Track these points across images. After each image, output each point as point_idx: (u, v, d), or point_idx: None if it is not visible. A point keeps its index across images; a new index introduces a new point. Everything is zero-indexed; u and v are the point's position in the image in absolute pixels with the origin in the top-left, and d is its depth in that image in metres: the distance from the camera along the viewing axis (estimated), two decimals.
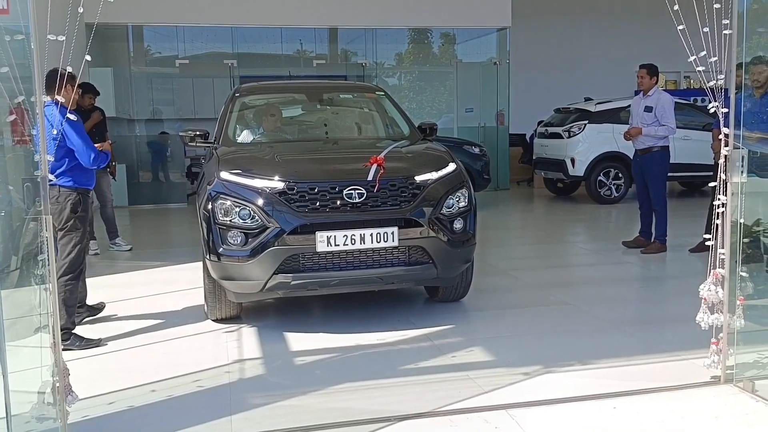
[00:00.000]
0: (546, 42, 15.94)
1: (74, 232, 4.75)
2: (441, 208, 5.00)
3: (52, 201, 4.40)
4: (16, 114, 4.18)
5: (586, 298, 5.85)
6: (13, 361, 3.77)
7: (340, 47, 14.46)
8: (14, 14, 3.07)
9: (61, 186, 4.66)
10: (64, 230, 4.74)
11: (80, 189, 4.76)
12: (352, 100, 7.01)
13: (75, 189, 4.73)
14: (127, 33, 13.27)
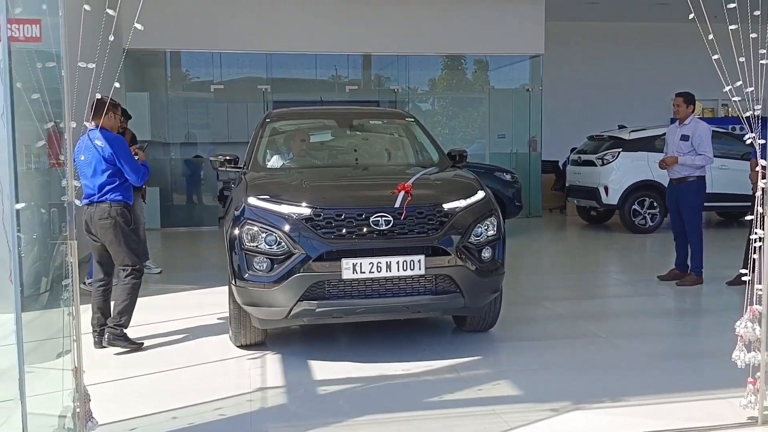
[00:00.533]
0: (579, 69, 15.84)
1: (132, 242, 5.31)
2: (469, 237, 4.92)
3: (103, 216, 5.13)
4: (52, 137, 4.25)
5: (619, 331, 5.70)
6: (35, 384, 3.79)
7: (372, 73, 14.55)
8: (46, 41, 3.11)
9: (111, 201, 5.17)
10: (116, 242, 5.20)
11: (128, 204, 5.30)
12: (381, 126, 7.01)
13: (123, 203, 5.24)
14: (164, 59, 13.52)
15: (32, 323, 5.80)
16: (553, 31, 13.98)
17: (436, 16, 13.19)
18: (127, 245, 5.23)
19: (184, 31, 12.32)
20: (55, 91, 3.17)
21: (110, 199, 5.16)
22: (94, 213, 5.13)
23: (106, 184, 5.14)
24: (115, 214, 5.16)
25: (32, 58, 2.97)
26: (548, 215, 14.43)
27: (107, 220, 5.12)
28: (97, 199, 5.12)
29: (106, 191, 5.14)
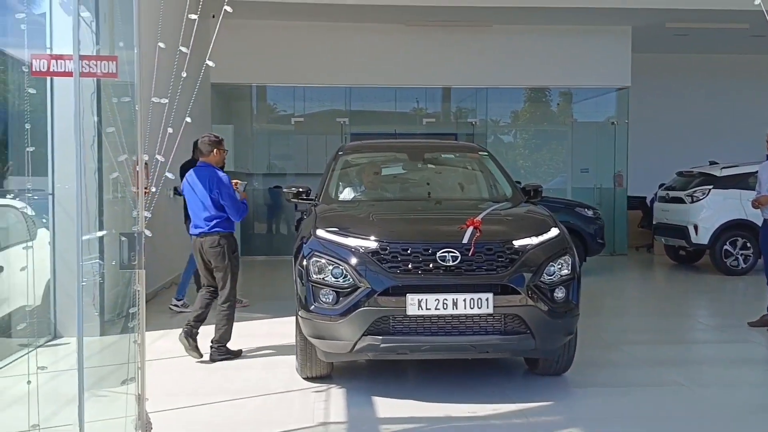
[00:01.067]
0: (667, 102, 15.28)
1: (235, 269, 5.85)
2: (541, 275, 4.75)
3: (213, 245, 5.76)
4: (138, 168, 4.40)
5: (703, 380, 5.34)
6: (103, 408, 3.87)
7: (451, 105, 14.52)
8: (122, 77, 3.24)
9: (220, 232, 5.76)
10: (223, 268, 5.78)
11: (232, 233, 5.89)
12: (454, 159, 6.93)
13: (229, 234, 5.83)
14: (250, 92, 13.97)
15: (112, 347, 6.01)
16: (640, 63, 13.57)
17: (518, 48, 13.07)
18: (232, 272, 5.84)
19: (270, 66, 12.69)
20: (129, 125, 3.28)
21: (218, 231, 5.78)
22: (204, 242, 5.78)
23: (214, 218, 5.76)
24: (224, 243, 5.78)
25: (108, 93, 3.08)
26: (634, 254, 13.87)
27: (217, 248, 5.76)
28: (207, 231, 5.78)
29: (214, 224, 5.77)
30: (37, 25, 6.21)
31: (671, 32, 13.10)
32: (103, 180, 6.30)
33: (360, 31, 12.69)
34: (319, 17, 12.22)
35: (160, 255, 8.91)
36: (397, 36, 12.79)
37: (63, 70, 2.92)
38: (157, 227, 8.89)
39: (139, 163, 3.12)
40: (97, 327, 6.27)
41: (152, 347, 6.21)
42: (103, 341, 6.17)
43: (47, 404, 4.15)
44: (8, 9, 5.73)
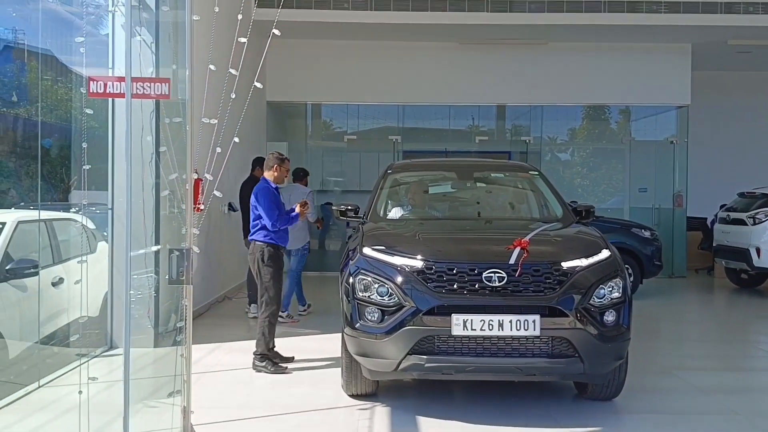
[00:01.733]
0: (729, 120, 14.82)
1: (266, 278, 6.01)
2: (590, 298, 4.66)
3: (251, 252, 6.19)
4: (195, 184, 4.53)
5: (760, 409, 5.14)
6: (151, 419, 3.97)
7: (506, 123, 14.43)
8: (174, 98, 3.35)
9: (256, 240, 6.11)
10: (260, 276, 6.07)
11: (270, 243, 6.08)
12: (504, 178, 6.88)
13: (268, 243, 6.06)
14: (305, 110, 14.20)
15: (165, 359, 6.15)
16: (700, 81, 13.24)
17: (573, 65, 12.92)
18: (269, 281, 6.05)
19: (324, 84, 12.88)
20: (181, 144, 3.38)
21: (254, 239, 6.16)
22: (250, 250, 6.26)
23: (254, 227, 6.19)
24: (258, 251, 6.09)
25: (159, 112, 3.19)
26: (693, 276, 13.45)
27: (252, 255, 6.16)
28: (249, 239, 6.29)
29: (253, 233, 6.18)
30: (102, 45, 6.47)
31: (733, 49, 12.74)
32: (159, 196, 6.49)
33: (413, 50, 12.77)
34: (372, 36, 12.36)
35: (214, 270, 9.11)
36: (451, 54, 12.82)
37: (118, 92, 3.04)
38: (211, 243, 9.16)
39: (188, 181, 3.21)
40: (151, 339, 6.43)
41: (204, 361, 6.34)
42: (156, 353, 6.32)
43: (100, 414, 4.27)
44: (75, 30, 5.99)
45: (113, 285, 6.41)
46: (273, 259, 6.06)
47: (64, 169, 7.38)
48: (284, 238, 6.23)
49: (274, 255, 6.08)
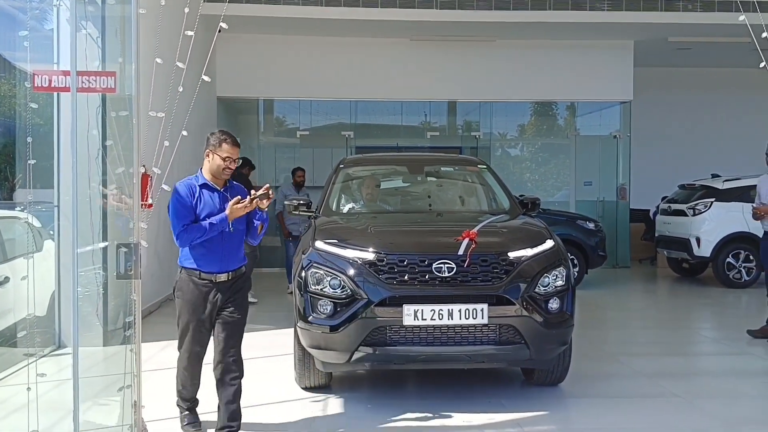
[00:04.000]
0: (670, 115, 15.31)
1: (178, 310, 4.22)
2: (535, 286, 4.81)
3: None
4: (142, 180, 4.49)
5: (700, 392, 5.36)
6: (101, 417, 3.95)
7: (454, 119, 14.61)
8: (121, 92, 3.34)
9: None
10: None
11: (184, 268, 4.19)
12: (454, 172, 7.01)
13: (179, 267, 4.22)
14: (257, 106, 14.12)
15: (115, 357, 6.07)
16: (642, 77, 13.65)
17: (521, 62, 13.17)
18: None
19: (275, 80, 12.83)
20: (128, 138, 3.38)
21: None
22: None
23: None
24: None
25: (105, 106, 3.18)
26: (637, 266, 13.87)
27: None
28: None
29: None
30: (47, 40, 6.34)
31: (673, 46, 13.17)
32: (108, 192, 6.40)
33: (365, 46, 12.83)
34: (324, 32, 12.37)
35: (164, 268, 9.02)
36: (402, 50, 12.92)
37: (63, 86, 3.03)
38: (161, 240, 9.06)
39: (135, 175, 3.21)
40: (100, 337, 6.35)
41: (155, 358, 6.30)
42: (106, 351, 6.24)
43: (50, 413, 4.23)
44: (18, 24, 5.86)
45: (60, 283, 6.31)
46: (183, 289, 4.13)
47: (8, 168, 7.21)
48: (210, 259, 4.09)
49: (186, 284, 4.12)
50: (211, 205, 4.12)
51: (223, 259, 4.13)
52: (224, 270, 4.14)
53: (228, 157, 4.08)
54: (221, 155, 4.08)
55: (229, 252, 4.15)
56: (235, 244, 4.18)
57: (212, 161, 4.13)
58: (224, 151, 4.08)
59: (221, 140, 4.07)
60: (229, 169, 4.12)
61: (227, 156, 4.08)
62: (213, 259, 4.12)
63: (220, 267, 4.13)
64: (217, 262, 4.12)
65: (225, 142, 4.07)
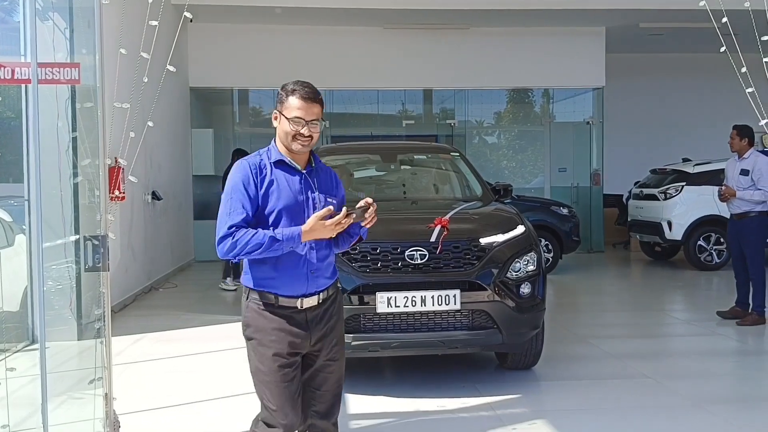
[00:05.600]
0: (642, 101, 15.47)
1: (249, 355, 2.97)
2: (507, 272, 4.86)
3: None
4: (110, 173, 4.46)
5: (669, 372, 5.47)
6: (72, 411, 3.94)
7: (433, 107, 14.63)
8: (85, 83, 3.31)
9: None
10: None
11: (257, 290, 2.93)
12: (427, 160, 7.04)
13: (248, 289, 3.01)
14: (231, 96, 14.02)
15: (89, 351, 6.05)
16: (614, 64, 13.76)
17: (495, 50, 13.21)
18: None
19: (249, 70, 12.75)
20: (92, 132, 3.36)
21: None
22: None
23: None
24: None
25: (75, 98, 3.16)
26: (611, 251, 14.04)
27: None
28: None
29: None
30: (15, 33, 6.24)
31: (645, 32, 13.29)
32: (78, 185, 6.35)
33: (338, 34, 12.78)
34: (297, 21, 12.31)
35: (138, 260, 8.97)
36: (376, 38, 12.89)
37: (26, 78, 3.00)
38: (134, 233, 8.99)
39: (101, 167, 3.19)
40: (74, 331, 6.31)
41: (128, 351, 6.28)
42: (81, 345, 6.20)
43: (21, 408, 4.20)
44: None
45: (33, 278, 6.25)
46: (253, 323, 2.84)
47: None
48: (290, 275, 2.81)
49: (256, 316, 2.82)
50: (289, 195, 2.78)
51: (309, 274, 2.81)
52: (313, 290, 2.83)
53: (298, 118, 2.72)
54: (288, 115, 2.74)
55: (318, 262, 2.83)
56: (323, 250, 2.86)
57: (281, 125, 2.80)
58: (292, 109, 2.73)
59: (289, 92, 2.79)
60: (303, 138, 2.74)
61: (297, 117, 2.72)
62: (294, 274, 2.79)
63: (305, 286, 2.80)
64: (300, 279, 2.79)
65: (293, 94, 2.75)
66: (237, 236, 2.67)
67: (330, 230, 2.72)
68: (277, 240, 2.67)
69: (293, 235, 2.70)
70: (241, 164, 2.80)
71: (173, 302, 8.72)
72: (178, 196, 11.53)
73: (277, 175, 2.79)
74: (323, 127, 2.79)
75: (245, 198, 2.72)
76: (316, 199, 2.85)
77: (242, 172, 2.76)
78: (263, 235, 2.67)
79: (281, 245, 2.69)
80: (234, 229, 2.68)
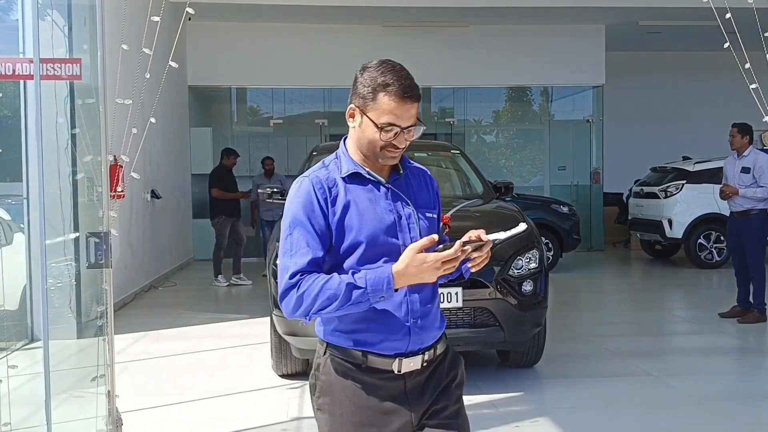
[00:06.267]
0: (642, 99, 15.46)
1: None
2: (509, 269, 4.85)
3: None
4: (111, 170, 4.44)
5: (671, 370, 5.46)
6: (75, 409, 3.92)
7: (429, 106, 14.60)
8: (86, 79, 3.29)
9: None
10: None
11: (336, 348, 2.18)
12: (427, 158, 7.01)
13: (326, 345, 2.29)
14: (229, 95, 14.00)
15: (90, 349, 6.03)
16: (614, 62, 13.75)
17: (494, 48, 13.20)
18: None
19: (248, 69, 12.72)
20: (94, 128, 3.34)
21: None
22: None
23: None
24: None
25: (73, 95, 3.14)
26: (611, 249, 14.03)
27: None
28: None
29: None
30: (12, 30, 6.23)
31: (644, 30, 13.28)
32: (77, 183, 6.33)
33: (337, 33, 12.76)
34: (295, 19, 12.29)
35: (137, 259, 8.94)
36: (374, 37, 12.86)
37: (27, 74, 2.98)
38: (134, 231, 8.96)
39: (104, 163, 3.18)
40: (74, 329, 6.29)
41: (130, 349, 6.26)
42: (80, 344, 6.19)
43: (22, 407, 4.18)
44: None
45: (32, 276, 6.23)
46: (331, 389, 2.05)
47: None
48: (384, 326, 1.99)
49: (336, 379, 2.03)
50: (373, 221, 1.97)
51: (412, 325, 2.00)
52: (415, 348, 2.02)
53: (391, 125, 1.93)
54: (378, 120, 1.94)
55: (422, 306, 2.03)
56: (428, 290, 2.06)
57: (362, 129, 1.98)
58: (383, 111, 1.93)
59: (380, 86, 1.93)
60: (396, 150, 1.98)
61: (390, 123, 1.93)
62: (389, 324, 1.98)
63: (405, 342, 2.00)
64: (397, 332, 2.00)
65: (386, 90, 1.93)
66: (303, 287, 1.87)
67: (434, 270, 1.89)
68: (357, 288, 1.85)
69: (381, 280, 1.85)
70: (301, 184, 1.98)
71: (173, 301, 8.71)
72: (176, 195, 11.51)
73: (353, 195, 1.96)
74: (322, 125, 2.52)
75: (310, 233, 1.92)
76: (412, 218, 2.02)
77: (303, 195, 1.95)
78: (338, 282, 1.86)
79: (365, 295, 1.85)
80: (299, 277, 1.88)
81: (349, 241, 1.94)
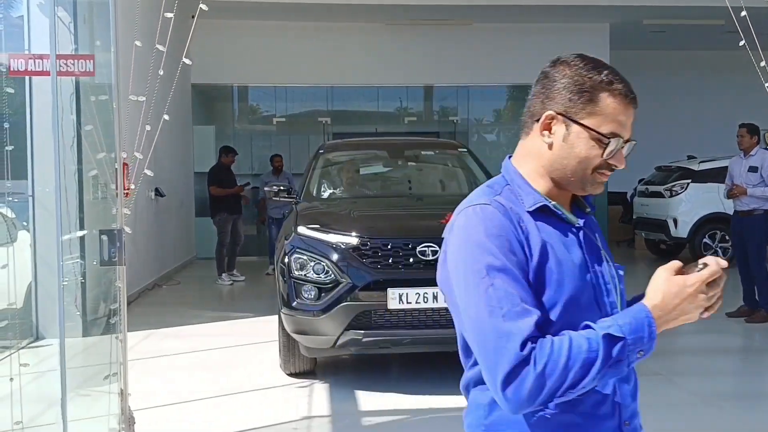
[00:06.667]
0: (646, 98, 15.11)
1: None
2: None
3: None
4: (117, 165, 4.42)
5: (679, 369, 5.45)
6: (87, 407, 3.91)
7: (433, 104, 14.59)
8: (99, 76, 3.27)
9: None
10: None
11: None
12: (434, 156, 7.01)
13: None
14: (232, 93, 13.97)
15: (95, 347, 6.01)
16: (618, 60, 13.66)
17: (498, 46, 13.17)
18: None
19: (251, 67, 12.69)
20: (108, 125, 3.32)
21: None
22: None
23: None
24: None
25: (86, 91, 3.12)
26: (615, 249, 13.99)
27: None
28: None
29: None
30: (16, 28, 6.20)
31: (648, 29, 13.25)
32: (83, 181, 6.31)
33: (340, 31, 12.73)
34: (298, 17, 12.26)
35: (141, 257, 8.92)
36: (377, 35, 12.84)
37: (41, 70, 2.96)
38: (138, 229, 8.95)
39: (118, 160, 3.16)
40: (80, 328, 6.27)
41: (136, 348, 6.23)
42: (86, 342, 6.17)
43: (32, 405, 4.16)
44: None
45: (37, 274, 6.21)
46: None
47: None
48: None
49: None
50: (574, 273, 1.44)
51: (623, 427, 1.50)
52: None
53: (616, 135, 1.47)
54: (602, 127, 1.46)
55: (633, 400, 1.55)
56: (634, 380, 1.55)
57: (569, 143, 1.47)
58: (607, 116, 1.47)
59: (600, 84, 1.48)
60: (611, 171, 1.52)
61: (614, 132, 1.47)
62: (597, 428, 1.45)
63: None
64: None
65: (610, 89, 1.48)
66: (541, 360, 1.27)
67: (696, 298, 1.39)
68: (616, 340, 1.30)
69: (640, 324, 1.34)
70: (484, 213, 1.40)
71: (178, 299, 8.70)
72: (179, 193, 11.50)
73: (546, 236, 1.43)
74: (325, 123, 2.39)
75: (519, 282, 1.34)
76: (605, 274, 1.51)
77: (496, 227, 1.38)
78: (586, 340, 1.29)
79: (623, 351, 1.31)
80: (531, 347, 1.27)
81: (547, 300, 1.37)
